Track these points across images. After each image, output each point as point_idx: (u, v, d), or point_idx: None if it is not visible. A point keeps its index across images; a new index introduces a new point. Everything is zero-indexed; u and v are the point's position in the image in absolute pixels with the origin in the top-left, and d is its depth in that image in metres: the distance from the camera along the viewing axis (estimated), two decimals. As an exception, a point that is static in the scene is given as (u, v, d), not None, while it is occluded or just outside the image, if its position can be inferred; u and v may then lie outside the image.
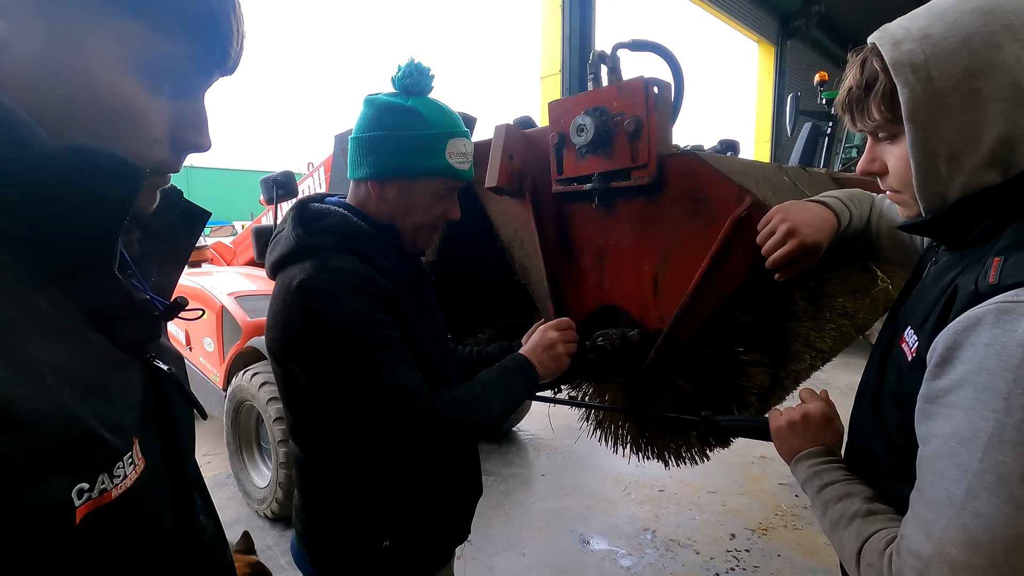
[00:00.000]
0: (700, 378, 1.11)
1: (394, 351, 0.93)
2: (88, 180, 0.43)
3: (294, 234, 0.97)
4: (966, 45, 0.60)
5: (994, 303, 0.55)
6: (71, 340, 0.42)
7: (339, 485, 1.03)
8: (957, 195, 0.65)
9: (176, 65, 0.48)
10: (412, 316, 1.00)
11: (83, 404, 0.40)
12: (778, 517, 2.90)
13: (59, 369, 0.39)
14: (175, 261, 0.61)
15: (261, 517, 2.90)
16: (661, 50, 1.17)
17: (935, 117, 0.62)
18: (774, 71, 10.95)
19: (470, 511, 1.21)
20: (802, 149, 5.99)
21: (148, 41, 0.46)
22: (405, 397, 0.91)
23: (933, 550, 0.55)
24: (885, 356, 0.75)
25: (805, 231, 0.85)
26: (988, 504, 0.52)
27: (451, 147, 1.00)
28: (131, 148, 0.47)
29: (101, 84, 0.44)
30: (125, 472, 0.42)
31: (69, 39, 0.43)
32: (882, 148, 0.72)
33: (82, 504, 0.38)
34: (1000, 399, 0.52)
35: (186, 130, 0.51)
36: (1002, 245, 0.61)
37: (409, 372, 0.94)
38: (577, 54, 6.23)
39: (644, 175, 1.02)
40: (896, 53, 0.63)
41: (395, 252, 1.04)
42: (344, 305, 0.90)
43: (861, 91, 0.69)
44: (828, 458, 0.81)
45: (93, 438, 0.40)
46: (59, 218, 0.43)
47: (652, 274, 1.09)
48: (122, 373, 0.47)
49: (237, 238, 4.72)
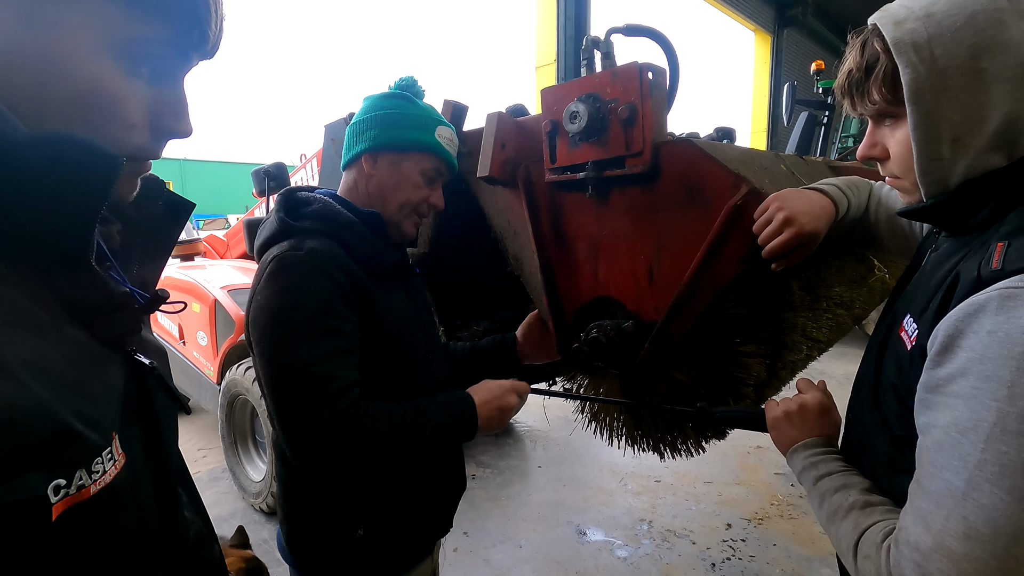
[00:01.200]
0: (696, 370, 1.10)
1: (337, 343, 0.92)
2: (62, 169, 0.42)
3: (276, 217, 1.01)
4: (971, 23, 0.58)
5: (997, 289, 0.54)
6: (47, 335, 0.41)
7: (314, 472, 1.03)
8: (960, 179, 0.63)
9: (153, 48, 0.47)
10: (383, 306, 1.00)
11: (59, 399, 0.39)
12: (774, 507, 2.91)
13: (33, 364, 0.38)
14: (158, 253, 0.60)
15: (256, 511, 2.89)
16: (656, 35, 1.15)
17: (938, 98, 0.60)
18: (770, 60, 10.90)
19: (451, 504, 1.20)
20: (798, 138, 5.97)
21: (123, 23, 0.44)
22: (327, 393, 0.88)
23: (932, 542, 0.54)
24: (883, 345, 0.74)
25: (802, 219, 0.84)
26: (990, 495, 0.51)
27: (440, 131, 1.09)
28: (108, 133, 0.46)
29: (76, 68, 0.43)
30: (104, 468, 0.42)
31: (40, 22, 0.41)
32: (883, 132, 0.71)
33: (59, 500, 0.38)
34: (1003, 388, 0.51)
35: (166, 115, 0.50)
36: (1005, 230, 0.59)
37: (344, 369, 0.92)
38: (572, 43, 6.18)
39: (639, 163, 1.00)
40: (898, 33, 0.61)
41: (377, 240, 1.04)
42: (305, 284, 0.91)
43: (861, 73, 0.67)
44: (825, 449, 0.80)
45: (69, 434, 0.39)
46: (33, 208, 0.41)
47: (647, 264, 1.07)
48: (101, 368, 0.46)
49: (230, 231, 4.67)
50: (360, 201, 1.08)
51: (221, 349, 3.05)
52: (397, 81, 1.11)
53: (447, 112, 1.31)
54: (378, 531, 1.05)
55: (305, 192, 1.08)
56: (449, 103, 1.32)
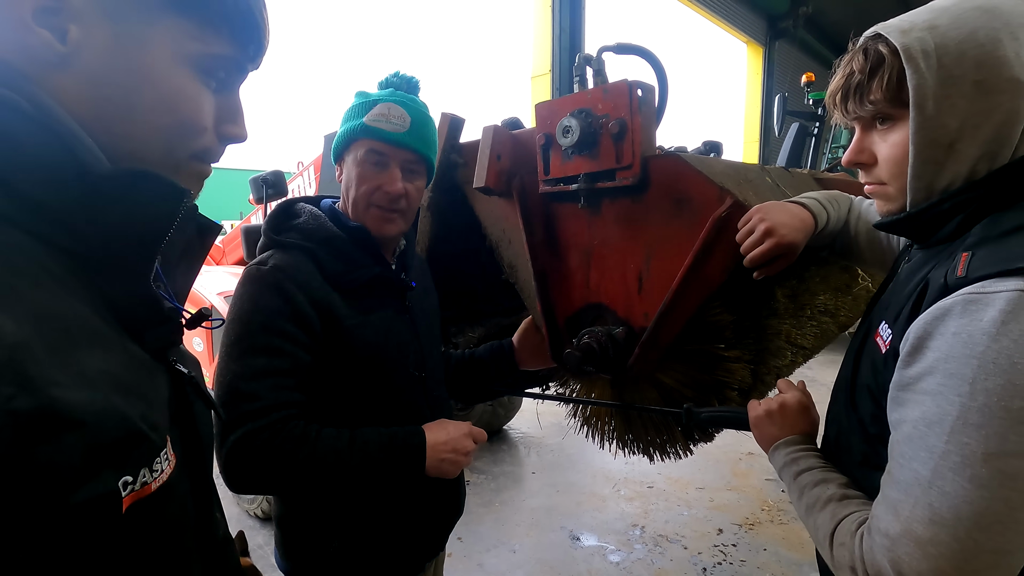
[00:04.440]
0: (683, 374, 1.13)
1: (274, 362, 0.90)
2: (136, 198, 0.47)
3: (262, 231, 1.05)
4: (972, 37, 0.62)
5: (962, 294, 0.58)
6: (113, 345, 0.45)
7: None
8: (944, 186, 0.67)
9: (221, 62, 0.53)
10: (353, 324, 0.99)
11: (128, 404, 0.43)
12: (764, 512, 2.94)
13: (106, 373, 0.42)
14: (189, 270, 0.64)
15: (252, 517, 2.90)
16: (645, 53, 1.20)
17: (940, 105, 0.64)
18: (762, 71, 11.03)
19: (441, 528, 1.17)
20: (789, 149, 6.06)
21: (199, 40, 0.50)
22: (247, 411, 0.87)
23: (901, 528, 0.58)
24: (860, 350, 0.78)
25: (782, 231, 0.88)
26: (952, 483, 0.55)
27: (375, 111, 1.00)
28: (185, 135, 0.51)
29: (161, 78, 0.49)
30: (162, 467, 0.45)
31: (131, 40, 0.47)
32: (872, 138, 0.73)
33: (127, 495, 0.41)
34: (965, 384, 0.55)
35: (226, 122, 0.56)
36: (971, 241, 0.64)
37: (274, 389, 0.90)
38: (567, 54, 6.25)
39: (628, 176, 1.04)
40: (907, 40, 0.65)
41: (360, 255, 1.04)
42: (255, 300, 0.94)
43: (864, 75, 0.69)
44: (805, 446, 0.84)
45: (138, 435, 0.42)
46: (107, 232, 0.46)
47: (637, 272, 1.11)
48: (152, 376, 0.50)
49: (226, 237, 4.68)
50: (348, 212, 1.07)
51: (216, 355, 3.05)
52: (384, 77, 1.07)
53: (443, 125, 1.35)
54: (354, 546, 1.04)
55: (302, 204, 1.09)
56: (446, 116, 1.36)
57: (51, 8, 0.44)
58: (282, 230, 1.04)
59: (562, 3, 6.30)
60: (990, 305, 0.55)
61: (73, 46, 0.45)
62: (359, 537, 1.04)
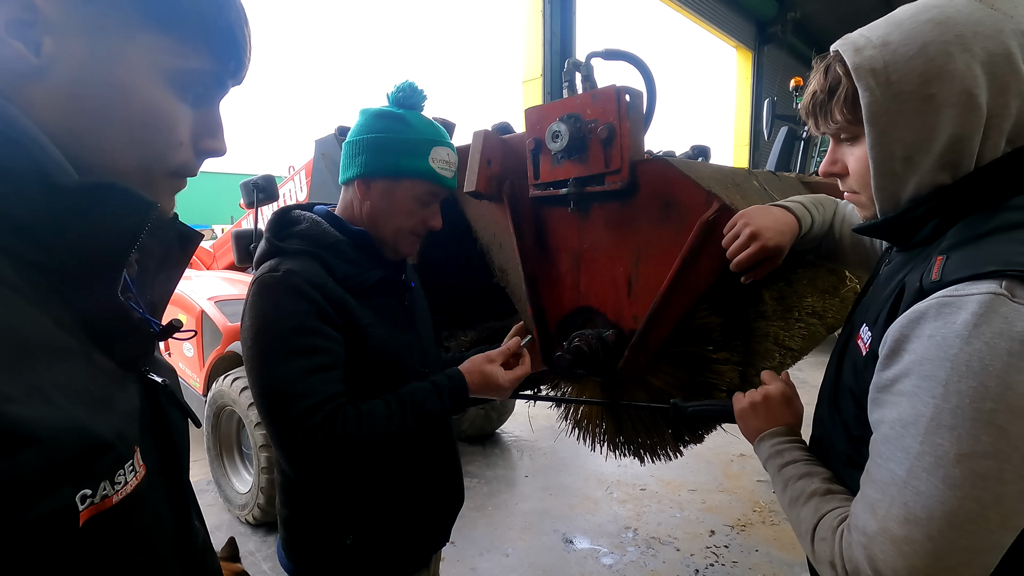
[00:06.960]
0: (673, 376, 1.14)
1: (314, 360, 0.94)
2: (102, 210, 0.46)
3: (264, 238, 1.05)
4: (922, 53, 0.64)
5: (936, 298, 0.59)
6: (78, 358, 0.45)
7: (308, 479, 1.05)
8: (910, 195, 0.69)
9: (199, 77, 0.53)
10: (367, 323, 1.02)
11: (90, 416, 0.42)
12: (756, 513, 2.96)
13: (67, 386, 0.42)
14: (168, 280, 0.63)
15: (243, 523, 2.87)
16: (633, 59, 1.21)
17: (893, 120, 0.66)
18: (752, 76, 11.14)
19: (447, 517, 1.21)
20: (779, 153, 6.12)
21: (176, 55, 0.50)
22: (302, 409, 0.91)
23: (877, 527, 0.59)
24: (842, 353, 0.79)
25: (767, 235, 0.89)
26: (926, 483, 0.56)
27: (435, 153, 1.06)
28: (159, 149, 0.51)
29: (136, 93, 0.48)
30: (126, 479, 0.45)
31: (107, 53, 0.47)
32: (843, 150, 0.76)
33: (85, 508, 0.41)
34: (939, 386, 0.56)
35: (205, 136, 0.56)
36: (945, 245, 0.65)
37: (324, 384, 0.94)
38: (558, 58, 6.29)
39: (617, 180, 1.05)
40: (858, 59, 0.67)
41: (363, 258, 1.06)
42: (280, 305, 0.94)
43: (825, 95, 0.72)
44: (789, 438, 0.85)
45: (100, 447, 0.42)
46: (73, 244, 0.46)
47: (626, 276, 1.12)
48: (121, 386, 0.50)
49: (217, 242, 4.65)
50: (355, 221, 1.09)
51: (207, 361, 3.04)
52: (395, 89, 1.07)
53: (435, 130, 1.35)
54: (368, 541, 1.06)
55: (299, 211, 1.09)
56: (436, 121, 1.37)
57: (25, 20, 0.43)
58: (285, 236, 1.04)
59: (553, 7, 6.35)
60: (963, 308, 0.56)
61: (47, 59, 0.44)
62: (372, 531, 1.06)
